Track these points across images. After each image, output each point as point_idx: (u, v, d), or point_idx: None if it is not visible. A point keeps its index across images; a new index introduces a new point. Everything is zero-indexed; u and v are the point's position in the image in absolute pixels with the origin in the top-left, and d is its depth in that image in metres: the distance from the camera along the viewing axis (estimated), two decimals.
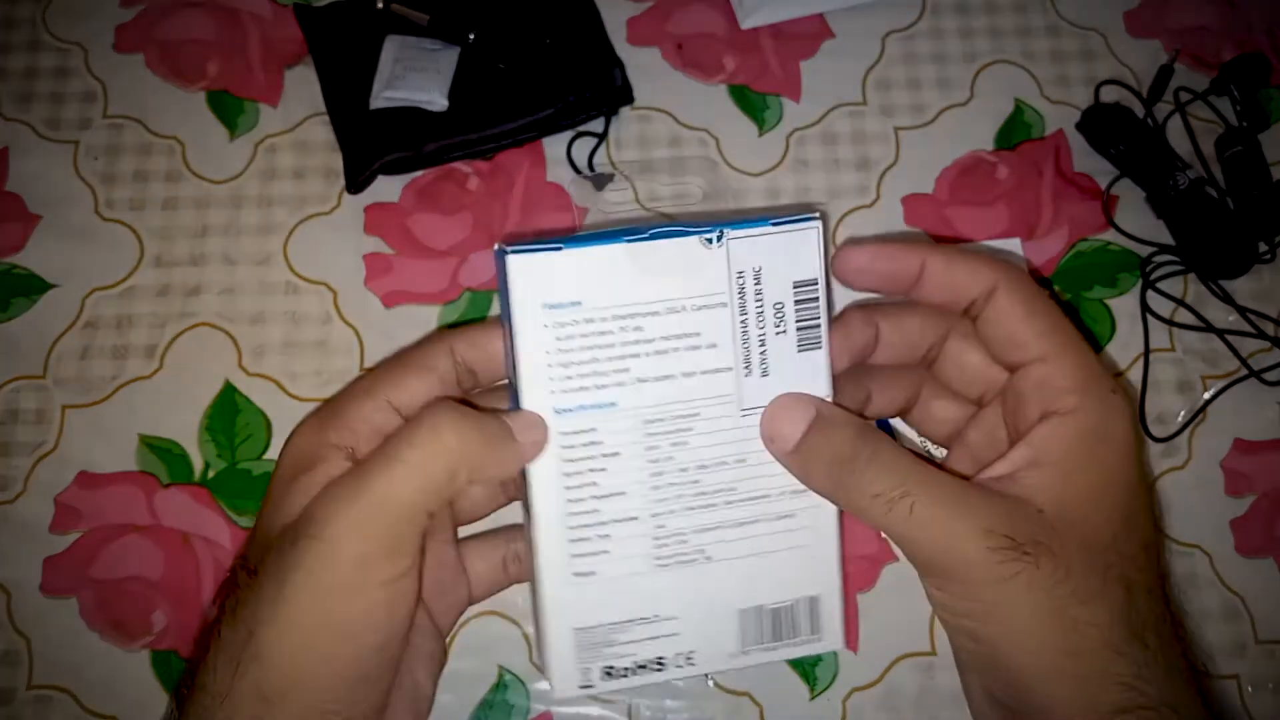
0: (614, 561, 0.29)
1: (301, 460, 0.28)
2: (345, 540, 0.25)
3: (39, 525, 0.48)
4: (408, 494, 0.26)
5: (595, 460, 0.28)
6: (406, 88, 0.54)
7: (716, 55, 0.57)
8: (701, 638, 0.29)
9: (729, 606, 0.29)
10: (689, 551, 0.29)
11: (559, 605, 0.29)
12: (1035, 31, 0.58)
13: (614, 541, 0.29)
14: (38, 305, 0.52)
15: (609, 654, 0.29)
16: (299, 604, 0.25)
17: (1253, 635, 0.48)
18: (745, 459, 0.29)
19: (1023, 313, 0.28)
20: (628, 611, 0.29)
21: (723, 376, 0.28)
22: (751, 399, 0.29)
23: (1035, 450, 0.27)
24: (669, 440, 0.28)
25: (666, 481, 0.29)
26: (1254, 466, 0.51)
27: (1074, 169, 0.55)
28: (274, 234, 0.53)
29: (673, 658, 0.29)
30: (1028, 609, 0.25)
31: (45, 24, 0.57)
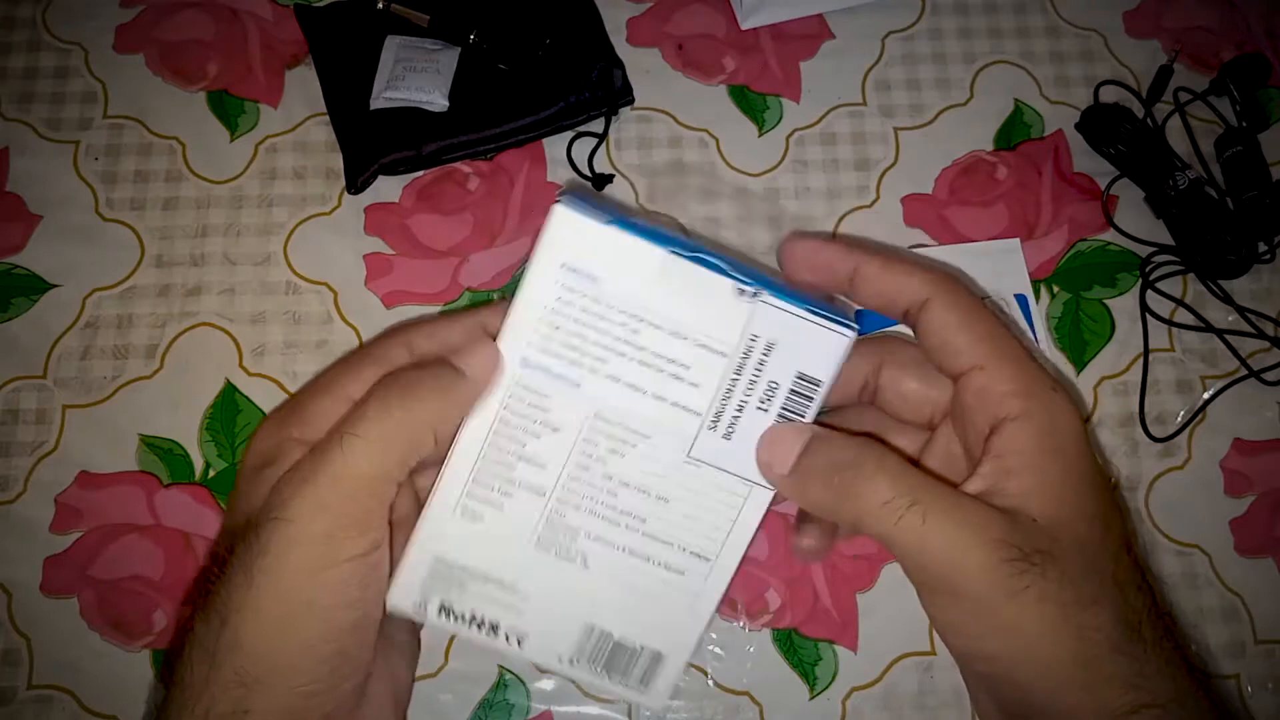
0: (502, 519, 0.29)
1: (264, 455, 0.28)
2: (308, 518, 0.25)
3: (39, 525, 0.48)
4: (366, 466, 0.26)
5: (535, 425, 0.28)
6: (407, 88, 0.54)
7: (716, 56, 0.57)
8: (541, 628, 0.29)
9: (580, 617, 0.29)
10: (572, 549, 0.29)
11: (435, 530, 0.29)
12: (1035, 32, 0.58)
13: (512, 502, 0.29)
14: (38, 305, 0.52)
15: (453, 595, 0.29)
16: (269, 588, 0.25)
17: (1252, 635, 0.48)
18: (668, 500, 0.29)
19: (956, 321, 0.28)
20: (490, 568, 0.29)
21: (688, 417, 0.28)
22: (702, 451, 0.29)
23: (1000, 460, 0.27)
24: (609, 444, 0.28)
25: (587, 479, 0.29)
26: (1253, 466, 0.51)
27: (1073, 169, 0.55)
28: (274, 234, 0.53)
29: (507, 629, 0.29)
30: (1039, 622, 0.25)
31: (45, 24, 0.57)
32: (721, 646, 0.48)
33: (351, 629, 0.27)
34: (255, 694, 0.25)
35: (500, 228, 0.53)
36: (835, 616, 0.48)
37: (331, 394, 0.29)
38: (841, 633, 0.48)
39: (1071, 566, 0.25)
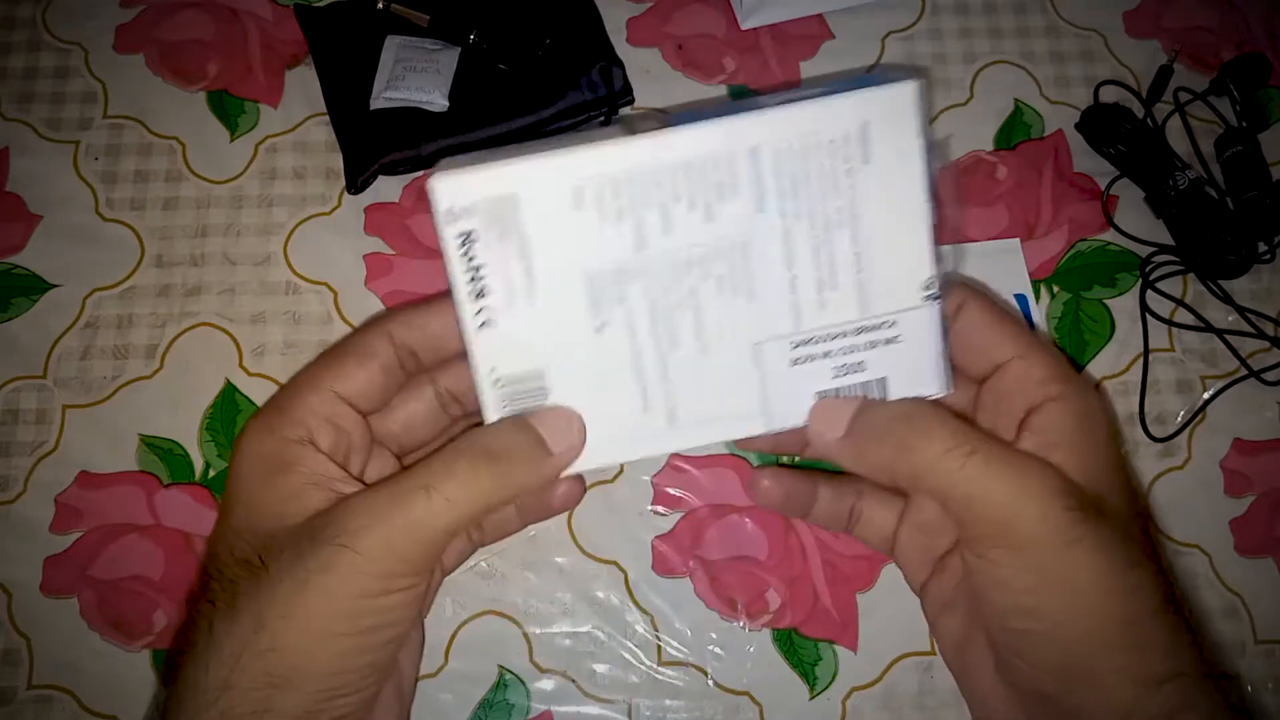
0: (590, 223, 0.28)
1: (268, 461, 0.28)
2: (377, 556, 0.26)
3: (39, 525, 0.48)
4: (443, 523, 0.26)
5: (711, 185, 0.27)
6: (407, 88, 0.54)
7: (716, 56, 0.57)
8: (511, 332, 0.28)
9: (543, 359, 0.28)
10: (604, 312, 0.28)
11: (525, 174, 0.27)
12: (1035, 32, 0.58)
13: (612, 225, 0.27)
14: (38, 305, 0.52)
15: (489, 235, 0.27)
16: (320, 603, 0.26)
17: (1252, 635, 0.48)
18: (706, 352, 0.28)
19: (991, 319, 0.29)
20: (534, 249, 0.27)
21: (791, 321, 0.28)
22: (767, 353, 0.28)
23: (1043, 435, 0.27)
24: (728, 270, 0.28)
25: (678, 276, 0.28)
26: (1253, 466, 0.51)
27: (1073, 169, 0.55)
28: (274, 234, 0.53)
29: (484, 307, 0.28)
30: (1091, 574, 0.25)
31: (45, 24, 0.57)
32: (721, 646, 0.48)
33: (386, 644, 0.27)
34: (280, 694, 0.26)
35: None
36: (835, 616, 0.48)
37: (318, 392, 0.29)
38: (841, 633, 0.48)
39: (1117, 529, 0.26)
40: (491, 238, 0.27)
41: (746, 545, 0.49)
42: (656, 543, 0.49)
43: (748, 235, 0.27)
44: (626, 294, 0.28)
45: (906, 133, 0.27)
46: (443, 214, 0.27)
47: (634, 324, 0.28)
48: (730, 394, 0.28)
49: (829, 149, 0.27)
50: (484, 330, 0.28)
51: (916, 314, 0.28)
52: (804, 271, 0.28)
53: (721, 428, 0.29)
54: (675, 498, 0.49)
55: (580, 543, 0.49)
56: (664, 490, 0.50)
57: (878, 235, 0.28)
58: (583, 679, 0.47)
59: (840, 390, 0.28)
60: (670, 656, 0.47)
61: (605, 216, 0.27)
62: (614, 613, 0.48)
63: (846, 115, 0.27)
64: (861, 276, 0.28)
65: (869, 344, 0.28)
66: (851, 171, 0.27)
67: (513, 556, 0.49)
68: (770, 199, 0.27)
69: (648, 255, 0.27)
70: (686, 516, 0.49)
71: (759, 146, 0.27)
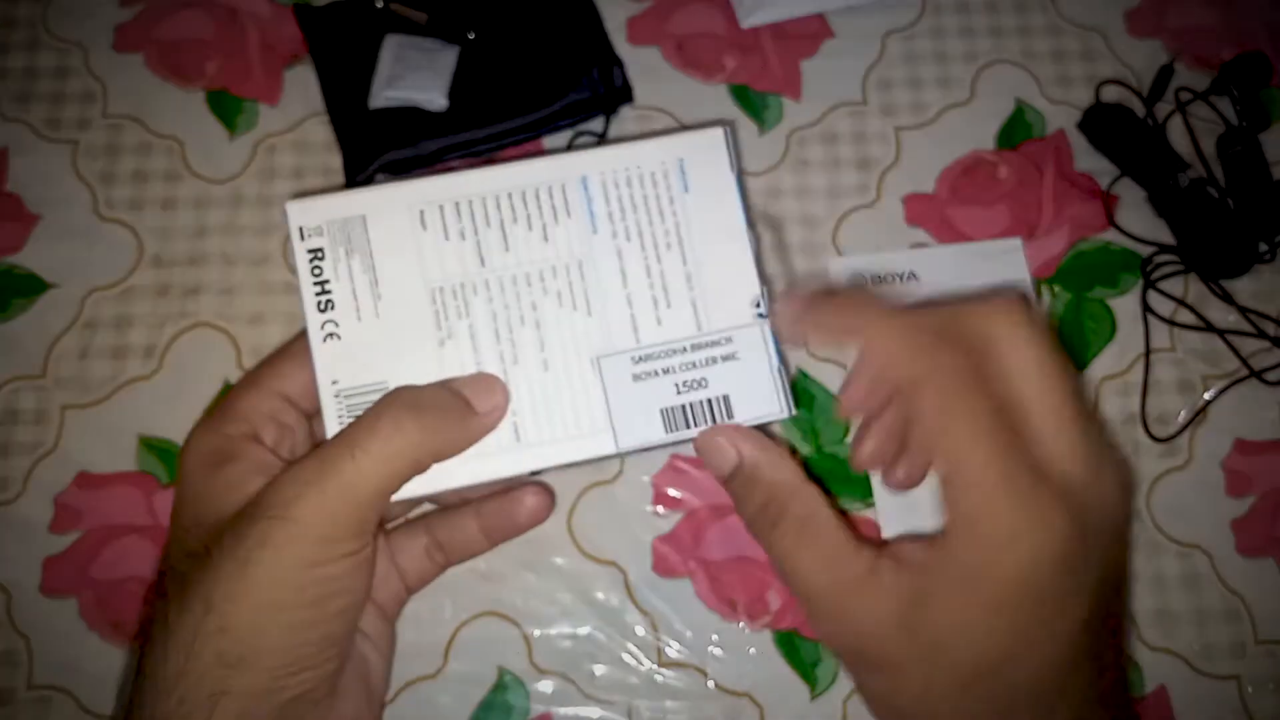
0: (434, 241, 0.30)
1: (211, 455, 0.29)
2: (312, 521, 0.26)
3: (39, 525, 0.48)
4: (374, 482, 0.27)
5: (549, 204, 0.30)
6: (406, 87, 0.54)
7: (717, 55, 0.57)
8: (352, 340, 0.30)
9: (384, 369, 0.29)
10: (446, 323, 0.29)
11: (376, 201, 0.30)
12: (1036, 31, 0.58)
13: (453, 243, 0.30)
14: (37, 305, 0.52)
15: (337, 249, 0.30)
16: (264, 577, 0.26)
17: (1253, 635, 0.48)
18: (548, 368, 0.30)
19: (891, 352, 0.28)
20: (378, 260, 0.30)
21: (629, 336, 0.30)
22: (608, 367, 0.30)
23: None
24: (567, 286, 0.30)
25: (519, 292, 0.30)
26: (1255, 467, 0.50)
27: (1075, 168, 0.55)
28: (273, 234, 0.53)
29: (331, 306, 0.30)
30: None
31: (45, 24, 0.57)
32: (722, 647, 0.47)
33: (339, 613, 0.28)
34: (236, 674, 0.26)
35: None
36: None
37: (261, 390, 0.30)
38: None
39: None
40: (339, 254, 0.30)
41: (747, 546, 0.49)
42: (657, 543, 0.49)
43: (583, 254, 0.30)
44: (469, 308, 0.29)
45: (719, 167, 0.30)
46: (295, 232, 0.30)
47: (476, 337, 0.29)
48: (575, 412, 0.30)
49: (651, 179, 0.30)
50: (329, 342, 0.29)
51: (749, 331, 0.30)
52: (639, 289, 0.30)
53: (570, 447, 0.30)
54: (675, 498, 0.49)
55: (580, 544, 0.49)
56: (664, 491, 0.49)
57: (706, 257, 0.30)
58: (582, 680, 0.47)
59: (685, 406, 0.29)
60: (670, 658, 0.47)
61: (449, 236, 0.30)
62: (614, 614, 0.48)
63: (663, 152, 0.30)
64: (694, 295, 0.30)
65: (708, 360, 0.30)
66: (674, 199, 0.30)
67: (512, 557, 0.49)
68: (601, 221, 0.30)
69: (489, 271, 0.30)
70: (687, 517, 0.49)
71: (588, 175, 0.30)
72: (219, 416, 0.30)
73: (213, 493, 0.28)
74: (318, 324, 0.29)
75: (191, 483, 0.29)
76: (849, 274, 0.53)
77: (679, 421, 0.29)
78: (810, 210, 0.54)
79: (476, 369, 0.29)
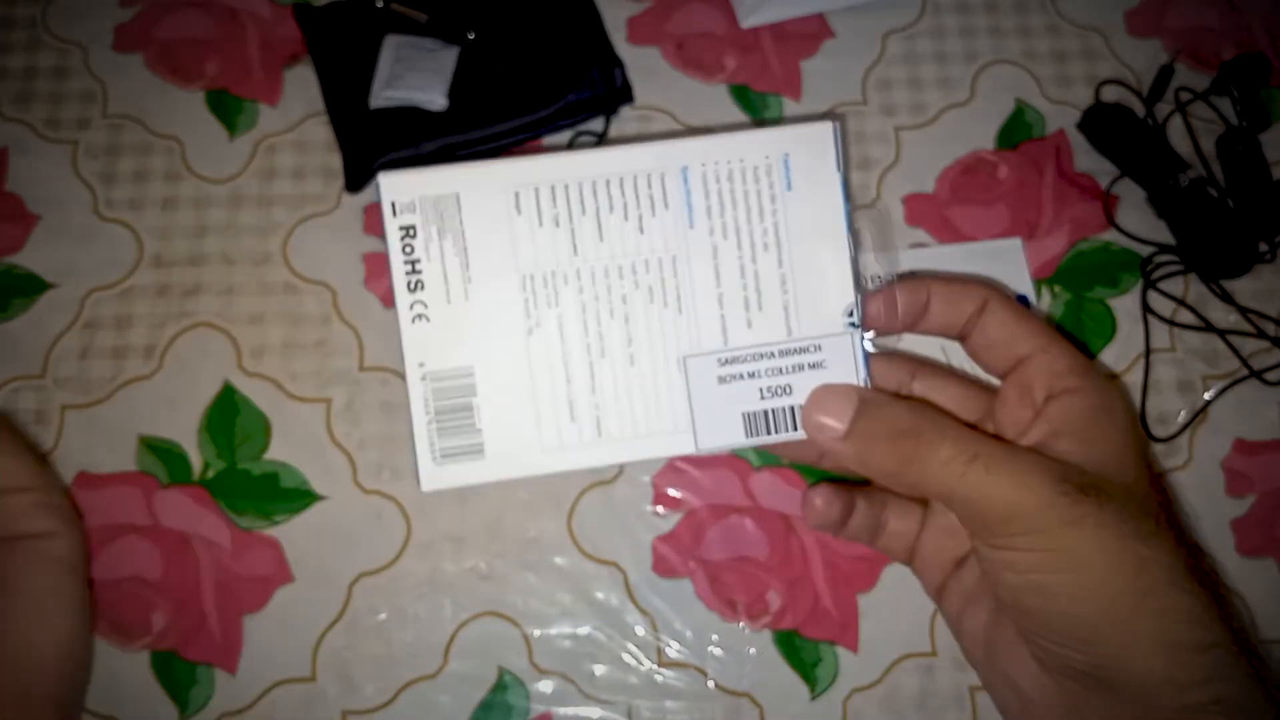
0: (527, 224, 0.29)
1: None
2: None
3: None
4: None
5: (647, 192, 0.29)
6: (406, 87, 0.53)
7: (717, 55, 0.57)
8: (442, 326, 0.29)
9: (473, 357, 0.29)
10: (536, 314, 0.29)
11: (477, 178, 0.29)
12: (1036, 31, 0.58)
13: (546, 230, 0.29)
14: (37, 305, 0.52)
15: (430, 227, 0.29)
16: None
17: (1253, 635, 0.48)
18: (633, 363, 0.29)
19: (1016, 316, 0.30)
20: (474, 247, 0.29)
21: (719, 338, 0.29)
22: (696, 367, 0.29)
23: (1053, 424, 0.28)
24: (659, 282, 0.29)
25: (610, 284, 0.29)
26: (1255, 467, 0.50)
27: (1075, 169, 0.55)
28: (273, 234, 0.53)
29: (421, 301, 0.29)
30: (1096, 548, 0.26)
31: (45, 24, 0.57)
32: (722, 647, 0.47)
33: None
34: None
35: None
36: (836, 617, 0.48)
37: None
38: (842, 634, 0.48)
39: (1125, 506, 0.27)
40: (432, 234, 0.29)
41: (747, 546, 0.49)
42: (657, 543, 0.49)
43: (677, 249, 0.29)
44: (559, 296, 0.29)
45: (825, 165, 0.29)
46: (387, 208, 0.28)
47: (565, 327, 0.29)
48: (658, 409, 0.29)
49: (754, 174, 0.29)
50: (417, 324, 0.29)
51: (840, 340, 0.29)
52: (731, 289, 0.29)
53: (650, 444, 0.29)
54: (675, 498, 0.49)
55: (580, 543, 0.49)
56: (664, 491, 0.49)
57: (802, 259, 0.29)
58: (582, 680, 0.47)
59: (768, 412, 0.29)
60: (670, 658, 0.47)
61: (543, 221, 0.29)
62: (614, 614, 0.48)
63: (769, 145, 0.29)
64: (787, 298, 0.29)
65: (795, 367, 0.29)
66: (775, 197, 0.29)
67: (512, 557, 0.49)
68: (699, 216, 0.29)
69: (582, 260, 0.29)
70: (686, 517, 0.49)
71: (689, 166, 0.29)
72: None
73: None
74: (407, 304, 0.29)
75: None
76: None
77: (760, 427, 0.29)
78: None
79: (561, 359, 0.29)
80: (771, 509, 0.49)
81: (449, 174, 0.28)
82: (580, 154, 0.29)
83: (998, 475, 0.27)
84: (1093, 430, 0.28)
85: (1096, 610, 0.26)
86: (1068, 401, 0.28)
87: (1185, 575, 0.26)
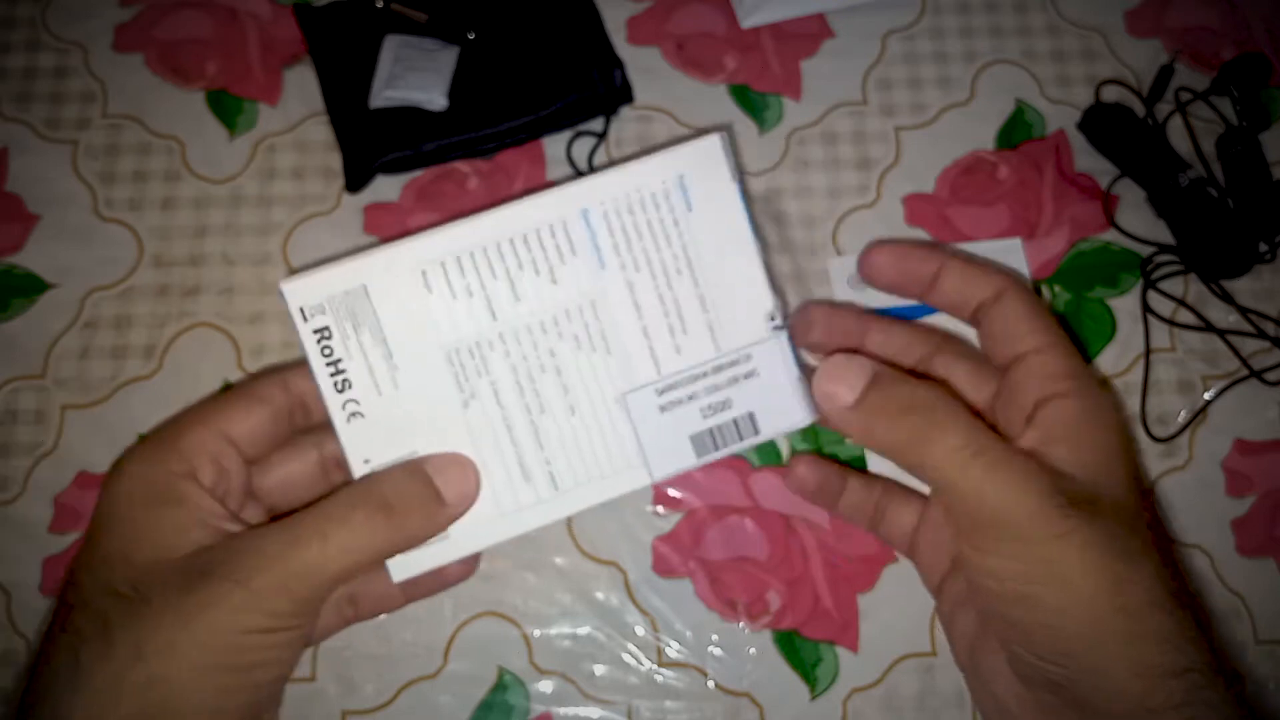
0: (436, 301, 0.29)
1: (152, 491, 0.28)
2: (268, 595, 0.26)
3: (39, 525, 0.48)
4: (334, 569, 0.27)
5: (554, 242, 0.29)
6: (406, 87, 0.53)
7: (717, 55, 0.57)
8: (377, 413, 0.29)
9: (409, 435, 0.29)
10: (469, 384, 0.29)
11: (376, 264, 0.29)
12: (1036, 31, 0.58)
13: (461, 302, 0.29)
14: (37, 305, 0.52)
15: (343, 326, 0.29)
16: (206, 637, 0.26)
17: (1253, 635, 0.48)
18: (574, 412, 0.29)
19: (1025, 312, 0.30)
20: (390, 334, 0.29)
21: (650, 367, 0.29)
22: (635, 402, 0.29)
23: (1044, 428, 0.28)
24: (583, 329, 0.29)
25: (534, 340, 0.29)
26: (1255, 467, 0.50)
27: (1075, 169, 0.55)
28: (273, 234, 0.53)
29: (348, 385, 0.29)
30: (1082, 564, 0.26)
31: (45, 23, 0.57)
32: (722, 648, 0.47)
33: (265, 685, 0.27)
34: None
35: None
36: (836, 617, 0.48)
37: (207, 428, 0.29)
38: (842, 634, 0.48)
39: (1113, 523, 0.27)
40: (347, 330, 0.29)
41: (747, 546, 0.49)
42: (657, 543, 0.49)
43: (594, 292, 0.29)
44: (488, 364, 0.29)
45: (720, 178, 0.29)
46: (297, 314, 0.28)
47: (500, 393, 0.29)
48: (607, 451, 0.29)
49: (653, 201, 0.29)
50: (353, 421, 0.29)
51: (766, 346, 0.29)
52: (654, 319, 0.29)
53: (606, 486, 0.30)
54: (675, 499, 0.49)
55: (580, 543, 0.49)
56: (664, 491, 0.49)
57: (715, 276, 0.29)
58: (582, 680, 0.47)
59: (713, 429, 0.30)
60: (670, 658, 0.47)
61: (456, 294, 0.29)
62: (614, 614, 0.48)
63: (662, 170, 0.29)
64: (709, 317, 0.29)
65: (730, 380, 0.29)
66: (678, 220, 0.29)
67: (512, 557, 0.49)
68: (609, 255, 0.29)
69: (503, 324, 0.29)
70: (686, 517, 0.49)
71: (588, 208, 0.29)
72: (159, 448, 0.29)
73: (151, 532, 0.27)
74: (338, 404, 0.29)
75: (125, 515, 0.28)
76: (849, 274, 0.53)
77: (709, 445, 0.29)
78: (810, 210, 0.54)
79: (504, 424, 0.29)
80: (771, 509, 0.49)
81: (352, 267, 0.28)
82: (478, 219, 0.29)
83: (996, 476, 0.27)
84: (1082, 437, 0.28)
85: (1076, 627, 0.26)
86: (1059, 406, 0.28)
87: (1167, 597, 0.26)
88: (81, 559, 0.28)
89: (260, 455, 0.31)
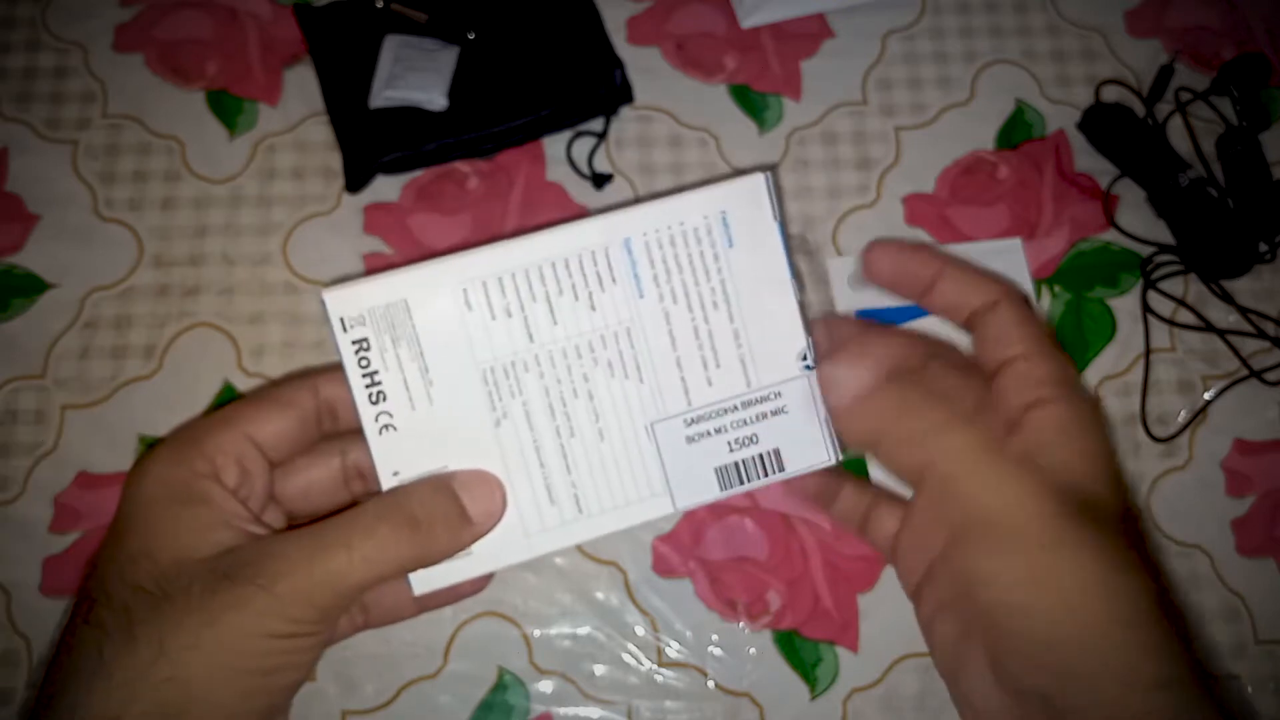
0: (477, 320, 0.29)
1: (177, 490, 0.28)
2: (292, 601, 0.26)
3: (39, 525, 0.48)
4: (358, 579, 0.27)
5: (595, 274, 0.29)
6: (406, 87, 0.53)
7: (717, 55, 0.57)
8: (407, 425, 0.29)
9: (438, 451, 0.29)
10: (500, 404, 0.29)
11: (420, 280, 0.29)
12: (1036, 31, 0.58)
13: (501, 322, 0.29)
14: (37, 305, 0.52)
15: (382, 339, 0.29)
16: (230, 638, 0.26)
17: (1253, 635, 0.48)
18: (603, 438, 0.29)
19: (1017, 320, 0.30)
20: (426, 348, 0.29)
21: (681, 399, 0.30)
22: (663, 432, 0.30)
23: (1032, 435, 0.28)
24: (616, 356, 0.29)
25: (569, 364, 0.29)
26: (1255, 467, 0.50)
27: (1075, 169, 0.55)
28: (273, 234, 0.53)
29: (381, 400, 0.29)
30: (1077, 573, 0.26)
31: (45, 24, 0.57)
32: (722, 647, 0.47)
33: (282, 689, 0.28)
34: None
35: (499, 227, 0.53)
36: (836, 618, 0.48)
37: (232, 430, 0.29)
38: (842, 634, 0.48)
39: (1104, 531, 0.27)
40: (385, 343, 0.29)
41: (747, 546, 0.49)
42: (657, 544, 0.49)
43: (631, 321, 0.29)
44: (522, 385, 0.29)
45: (762, 216, 0.29)
46: (336, 324, 0.28)
47: (531, 414, 0.29)
48: (633, 478, 0.30)
49: (694, 235, 0.29)
50: (385, 434, 0.29)
51: (797, 384, 0.30)
52: (688, 351, 0.30)
53: (630, 512, 0.30)
54: None
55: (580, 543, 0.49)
56: None
57: (751, 312, 0.30)
58: (582, 680, 0.47)
59: (739, 464, 0.30)
60: (670, 658, 0.47)
61: (495, 314, 0.29)
62: (614, 614, 0.48)
63: (706, 205, 0.29)
64: (742, 352, 0.30)
65: (758, 416, 0.30)
66: (718, 255, 0.30)
67: None
68: (647, 285, 0.29)
69: (539, 346, 0.29)
70: (687, 517, 0.49)
71: (630, 238, 0.29)
72: (184, 448, 0.29)
73: (176, 531, 0.28)
74: (371, 416, 0.29)
75: (150, 512, 0.28)
76: (849, 274, 0.53)
77: (733, 479, 0.30)
78: (810, 210, 0.54)
79: (534, 446, 0.29)
80: (771, 509, 0.49)
81: (394, 281, 0.29)
82: (523, 241, 0.29)
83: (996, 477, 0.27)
84: (1069, 442, 0.28)
85: (1068, 635, 0.26)
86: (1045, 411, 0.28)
87: (1155, 606, 0.26)
88: (105, 553, 0.28)
89: (284, 459, 0.31)
